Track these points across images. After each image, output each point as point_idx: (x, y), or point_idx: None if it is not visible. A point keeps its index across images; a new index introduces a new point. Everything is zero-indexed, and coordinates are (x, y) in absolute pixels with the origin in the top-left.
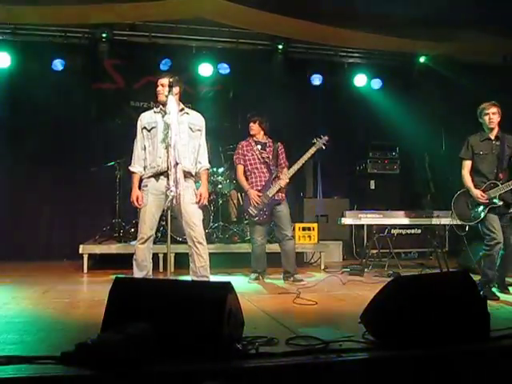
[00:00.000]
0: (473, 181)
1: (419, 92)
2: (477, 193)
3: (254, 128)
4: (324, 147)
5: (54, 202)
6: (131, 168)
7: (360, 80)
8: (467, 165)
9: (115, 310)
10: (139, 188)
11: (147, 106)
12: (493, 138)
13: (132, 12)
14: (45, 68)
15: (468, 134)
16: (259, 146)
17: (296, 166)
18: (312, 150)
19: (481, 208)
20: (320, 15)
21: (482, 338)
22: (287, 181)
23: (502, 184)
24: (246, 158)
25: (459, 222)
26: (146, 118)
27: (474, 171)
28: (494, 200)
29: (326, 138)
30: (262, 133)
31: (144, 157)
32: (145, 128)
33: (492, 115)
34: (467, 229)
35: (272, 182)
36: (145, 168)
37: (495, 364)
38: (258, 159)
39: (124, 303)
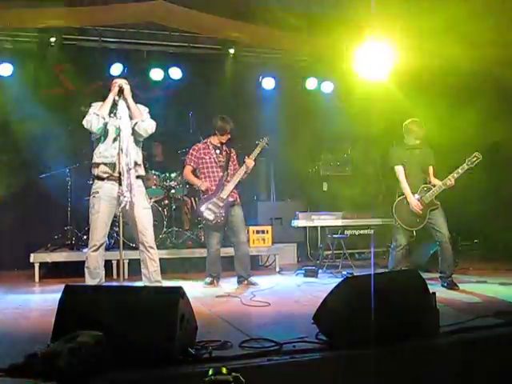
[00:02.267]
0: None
1: (371, 94)
2: (415, 204)
3: (228, 138)
4: (267, 146)
5: (3, 210)
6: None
7: (311, 83)
8: (401, 170)
9: (66, 319)
10: (90, 195)
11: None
12: (412, 148)
13: (81, 16)
14: None
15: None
16: (217, 151)
17: (252, 156)
18: (257, 150)
19: (424, 212)
20: (269, 20)
21: (432, 333)
22: (252, 163)
23: (433, 187)
24: (203, 161)
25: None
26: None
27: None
28: (434, 201)
29: (267, 137)
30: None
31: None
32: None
33: (418, 141)
34: (415, 233)
35: (224, 184)
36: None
37: (445, 358)
38: (215, 163)
39: (74, 311)
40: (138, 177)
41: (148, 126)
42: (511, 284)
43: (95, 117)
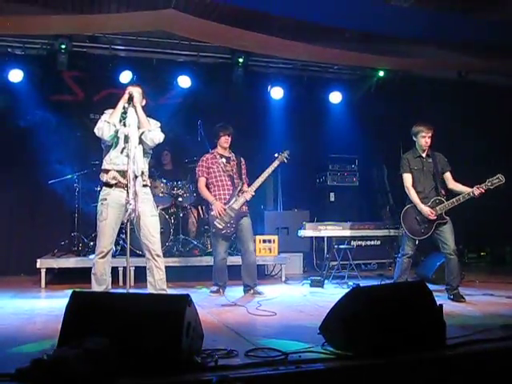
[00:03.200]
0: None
1: (378, 105)
2: (426, 210)
3: (228, 141)
4: (286, 161)
5: (11, 216)
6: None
7: (319, 93)
8: (409, 178)
9: (72, 325)
10: (98, 201)
11: None
12: (424, 155)
13: (92, 24)
14: (2, 79)
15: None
16: (224, 160)
17: (260, 180)
18: (275, 164)
19: (430, 224)
20: (280, 29)
21: (438, 345)
22: (253, 194)
23: (446, 201)
24: (211, 170)
25: (411, 236)
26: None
27: (413, 187)
28: (443, 215)
29: (288, 152)
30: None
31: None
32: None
33: (428, 139)
34: (417, 243)
35: (237, 195)
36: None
37: (451, 371)
38: (223, 172)
39: (81, 317)
40: (144, 185)
41: (155, 136)
42: None
43: (106, 124)
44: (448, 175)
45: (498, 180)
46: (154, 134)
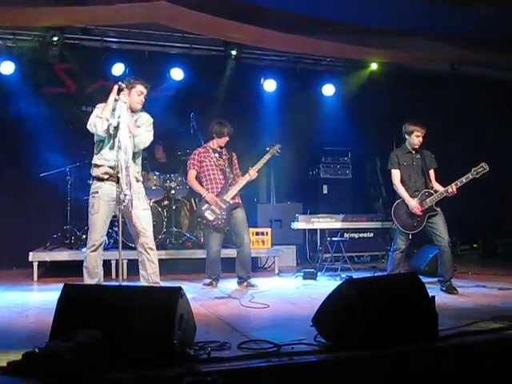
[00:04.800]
0: (406, 191)
1: (371, 98)
2: (413, 204)
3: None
4: (277, 154)
5: (3, 209)
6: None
7: (312, 86)
8: (397, 174)
9: (64, 318)
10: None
11: None
12: (413, 152)
13: (84, 16)
14: None
15: None
16: (216, 154)
17: (258, 166)
18: (266, 157)
19: (422, 217)
20: (272, 22)
21: (431, 337)
22: (256, 175)
23: (435, 193)
24: (203, 164)
25: (403, 231)
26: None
27: (403, 182)
28: (433, 207)
29: (279, 145)
30: None
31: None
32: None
33: (421, 138)
34: (411, 237)
35: (229, 187)
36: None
37: (443, 362)
38: (215, 166)
39: (73, 310)
40: (137, 180)
41: (140, 141)
42: (510, 289)
43: (99, 120)
44: (432, 172)
45: (482, 169)
46: (140, 139)
